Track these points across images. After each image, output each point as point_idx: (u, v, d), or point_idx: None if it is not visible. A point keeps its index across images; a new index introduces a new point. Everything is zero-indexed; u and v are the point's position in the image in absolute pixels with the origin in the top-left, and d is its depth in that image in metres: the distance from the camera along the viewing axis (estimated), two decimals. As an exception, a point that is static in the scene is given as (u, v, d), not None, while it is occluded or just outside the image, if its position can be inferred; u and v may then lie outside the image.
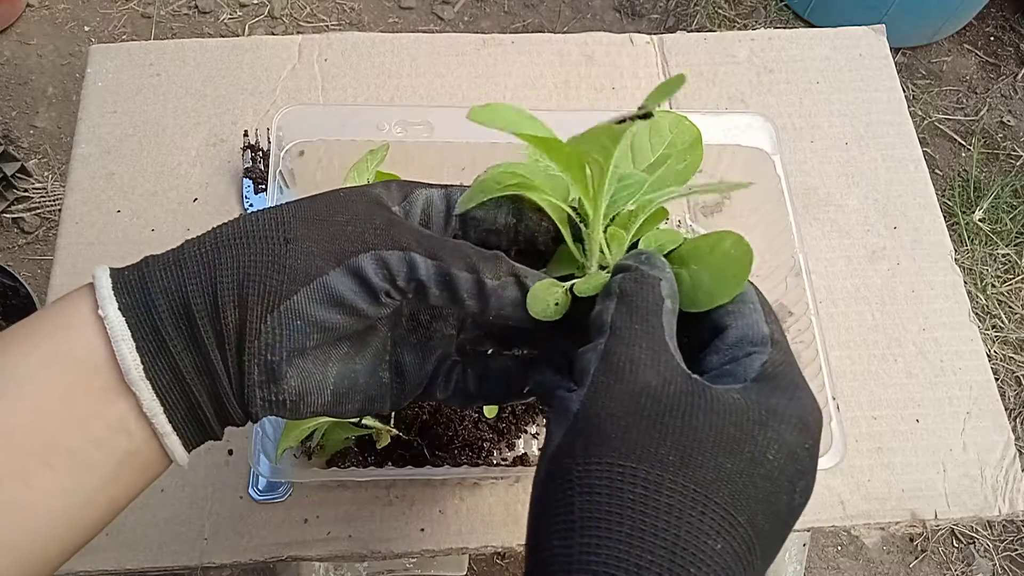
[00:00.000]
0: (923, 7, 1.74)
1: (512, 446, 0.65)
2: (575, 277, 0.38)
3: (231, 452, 0.64)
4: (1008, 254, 1.64)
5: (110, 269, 0.34)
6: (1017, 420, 1.51)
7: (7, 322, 1.26)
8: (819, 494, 0.66)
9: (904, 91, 1.33)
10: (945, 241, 0.78)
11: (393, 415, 0.60)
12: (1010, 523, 1.44)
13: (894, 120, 0.83)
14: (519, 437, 0.65)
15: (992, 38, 1.94)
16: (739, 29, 1.84)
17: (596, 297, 0.36)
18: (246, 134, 0.76)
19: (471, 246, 0.37)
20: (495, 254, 0.37)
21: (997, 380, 0.96)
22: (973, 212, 1.68)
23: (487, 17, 1.85)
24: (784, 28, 1.01)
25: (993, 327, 1.59)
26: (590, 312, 0.35)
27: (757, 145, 0.60)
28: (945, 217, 0.80)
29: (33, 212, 1.54)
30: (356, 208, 0.36)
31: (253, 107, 0.78)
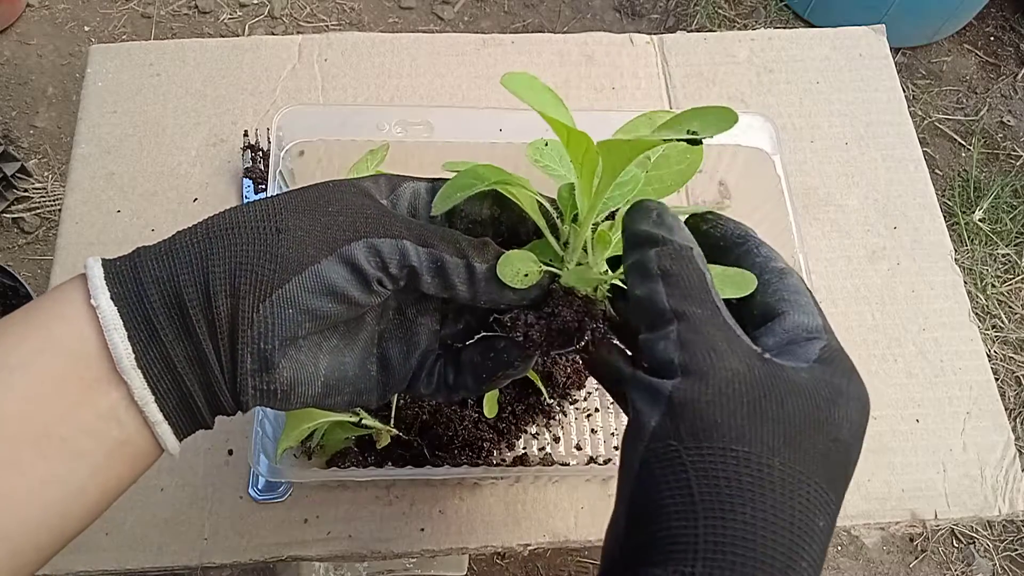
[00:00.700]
0: (923, 7, 1.74)
1: (512, 446, 0.65)
2: (551, 265, 0.39)
3: (231, 452, 0.64)
4: (1008, 254, 1.64)
5: (102, 260, 0.35)
6: (1017, 420, 1.51)
7: (7, 322, 1.26)
8: (819, 494, 0.66)
9: (904, 91, 1.33)
10: (945, 241, 0.78)
11: (393, 415, 0.60)
12: (1010, 523, 1.44)
13: (894, 120, 0.83)
14: (519, 437, 0.65)
15: (992, 38, 1.94)
16: (739, 29, 1.84)
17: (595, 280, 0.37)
18: (246, 134, 0.76)
19: (459, 234, 0.38)
20: (483, 240, 0.38)
21: (997, 380, 0.96)
22: (973, 212, 1.68)
23: (487, 17, 1.85)
24: (784, 28, 1.01)
25: (993, 327, 1.59)
26: (566, 300, 0.37)
27: (757, 145, 0.60)
28: (945, 217, 0.80)
29: (33, 212, 1.54)
30: (347, 199, 0.37)
31: (253, 107, 0.78)
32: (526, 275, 0.37)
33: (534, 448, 0.65)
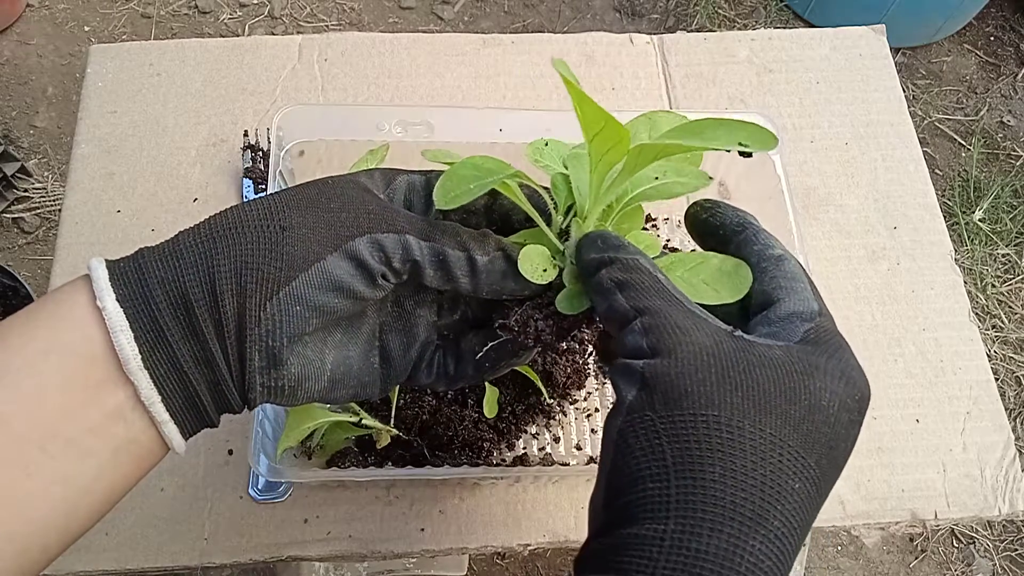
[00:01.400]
0: (923, 7, 1.74)
1: (512, 446, 0.65)
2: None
3: (231, 452, 0.64)
4: (1008, 254, 1.64)
5: (106, 261, 0.35)
6: (1017, 420, 1.51)
7: (7, 322, 1.26)
8: (819, 494, 0.66)
9: (904, 91, 1.33)
10: (945, 241, 0.78)
11: (393, 415, 0.60)
12: (1010, 523, 1.44)
13: (894, 120, 0.83)
14: (519, 437, 0.65)
15: (992, 38, 1.94)
16: (739, 29, 1.84)
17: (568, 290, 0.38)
18: (246, 134, 0.76)
19: (460, 226, 0.38)
20: (483, 232, 0.39)
21: (997, 380, 0.96)
22: (973, 212, 1.68)
23: (487, 17, 1.85)
24: (784, 28, 1.01)
25: (993, 327, 1.59)
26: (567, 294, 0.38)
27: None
28: (945, 217, 0.80)
29: (33, 212, 1.54)
30: (347, 194, 0.37)
31: (253, 107, 0.78)
32: (545, 270, 0.38)
33: (534, 448, 0.65)
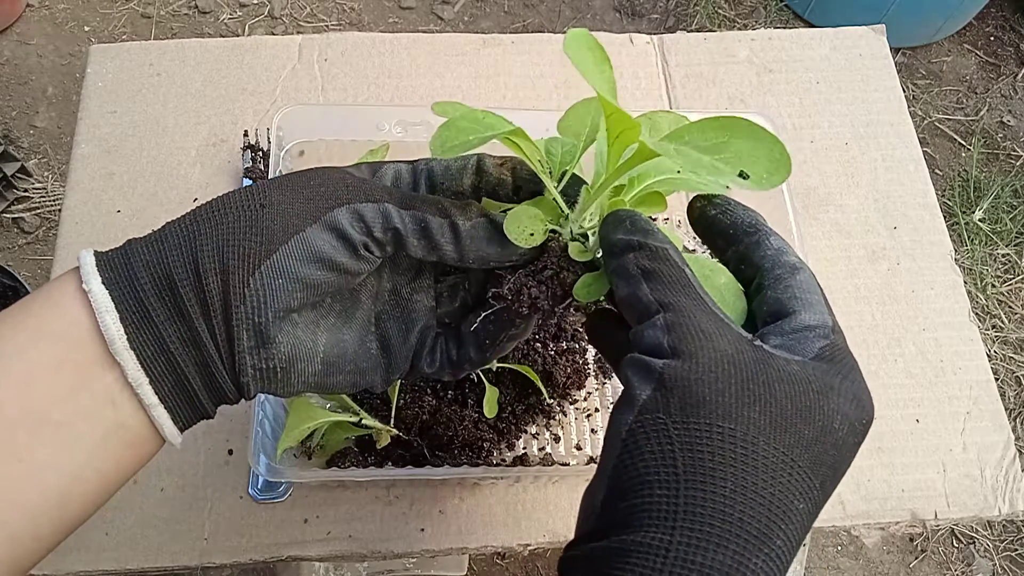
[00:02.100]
0: (923, 7, 1.74)
1: (512, 446, 0.65)
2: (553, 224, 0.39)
3: (231, 452, 0.64)
4: (1008, 254, 1.65)
5: (94, 251, 0.35)
6: (1017, 420, 1.51)
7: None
8: (819, 494, 0.66)
9: (904, 91, 1.33)
10: (945, 241, 0.78)
11: (393, 415, 0.60)
12: (1010, 523, 1.44)
13: (894, 120, 0.83)
14: (519, 437, 0.65)
15: (992, 38, 1.94)
16: (739, 29, 1.84)
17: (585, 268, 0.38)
18: (246, 134, 0.76)
19: (442, 197, 0.38)
20: (466, 201, 0.39)
21: (997, 380, 0.96)
22: (973, 212, 1.68)
23: (487, 17, 1.85)
24: (784, 28, 1.01)
25: (993, 327, 1.59)
26: (564, 261, 0.38)
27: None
28: (945, 217, 0.80)
29: (33, 212, 1.54)
30: (328, 174, 0.38)
31: (253, 107, 0.78)
32: (532, 234, 0.37)
33: (534, 448, 0.65)
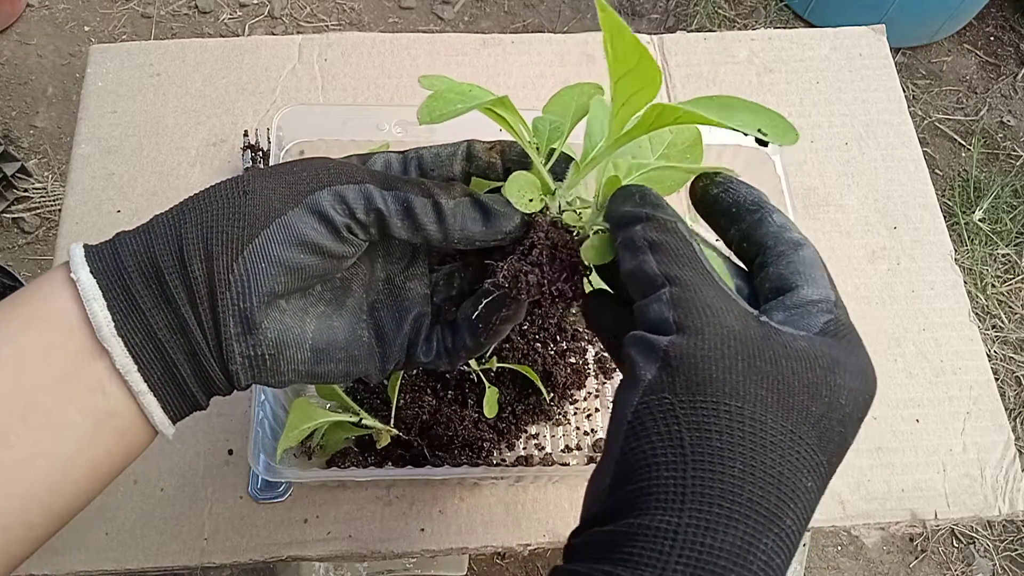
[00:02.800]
0: (923, 7, 1.74)
1: (512, 446, 0.65)
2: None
3: (231, 452, 0.64)
4: (1008, 254, 1.64)
5: (84, 244, 0.36)
6: (1017, 420, 1.51)
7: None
8: (819, 494, 0.66)
9: (904, 91, 1.33)
10: (945, 241, 0.78)
11: (393, 415, 0.60)
12: (1010, 523, 1.44)
13: (894, 120, 0.83)
14: (519, 437, 0.65)
15: (992, 38, 1.94)
16: (739, 29, 1.84)
17: (592, 243, 0.37)
18: (246, 134, 0.76)
19: (424, 179, 0.38)
20: (450, 182, 0.38)
21: (997, 380, 0.96)
22: (973, 212, 1.68)
23: (487, 17, 1.85)
24: (784, 28, 1.01)
25: (993, 327, 1.59)
26: (557, 236, 0.38)
27: (757, 145, 0.60)
28: (945, 217, 0.80)
29: (33, 212, 1.54)
30: (313, 161, 0.38)
31: (253, 107, 0.78)
32: (531, 200, 0.37)
33: (534, 448, 0.65)
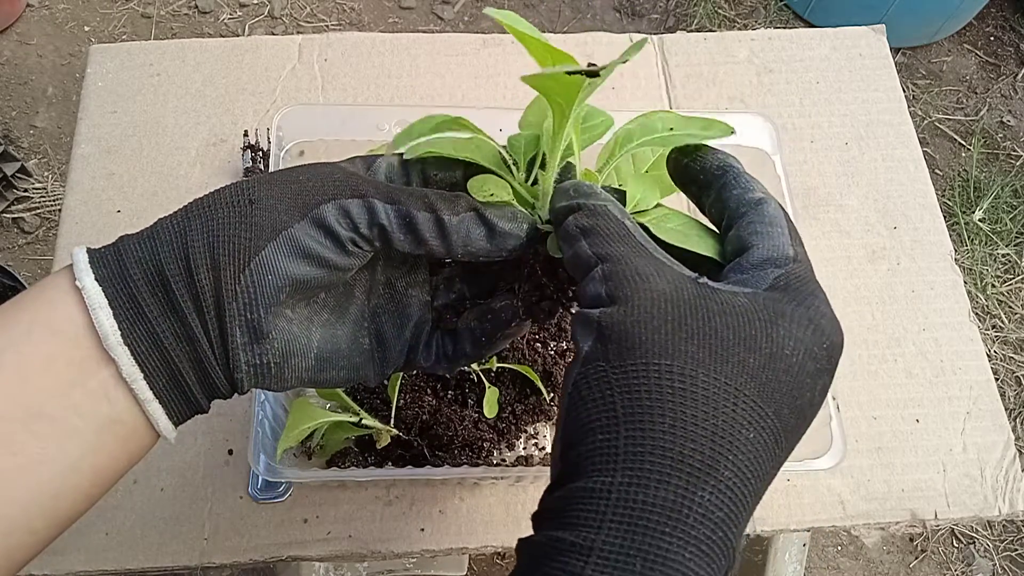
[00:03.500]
0: (923, 7, 1.74)
1: (512, 446, 0.65)
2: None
3: (231, 452, 0.64)
4: (1008, 254, 1.65)
5: (87, 248, 0.35)
6: (1017, 420, 1.51)
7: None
8: (819, 494, 0.66)
9: (904, 91, 1.33)
10: (945, 241, 0.78)
11: (393, 415, 0.60)
12: (1010, 523, 1.44)
13: (894, 120, 0.83)
14: (519, 437, 0.65)
15: (992, 38, 1.94)
16: (739, 29, 1.84)
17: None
18: (246, 134, 0.76)
19: (431, 191, 0.38)
20: (454, 194, 0.38)
21: (997, 380, 0.96)
22: (973, 212, 1.68)
23: (487, 17, 1.84)
24: (784, 28, 1.01)
25: (993, 327, 1.59)
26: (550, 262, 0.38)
27: (757, 145, 0.60)
28: (945, 217, 0.80)
29: (33, 212, 1.54)
30: (318, 169, 0.38)
31: (253, 107, 0.78)
32: (492, 194, 0.37)
33: (534, 448, 0.65)
